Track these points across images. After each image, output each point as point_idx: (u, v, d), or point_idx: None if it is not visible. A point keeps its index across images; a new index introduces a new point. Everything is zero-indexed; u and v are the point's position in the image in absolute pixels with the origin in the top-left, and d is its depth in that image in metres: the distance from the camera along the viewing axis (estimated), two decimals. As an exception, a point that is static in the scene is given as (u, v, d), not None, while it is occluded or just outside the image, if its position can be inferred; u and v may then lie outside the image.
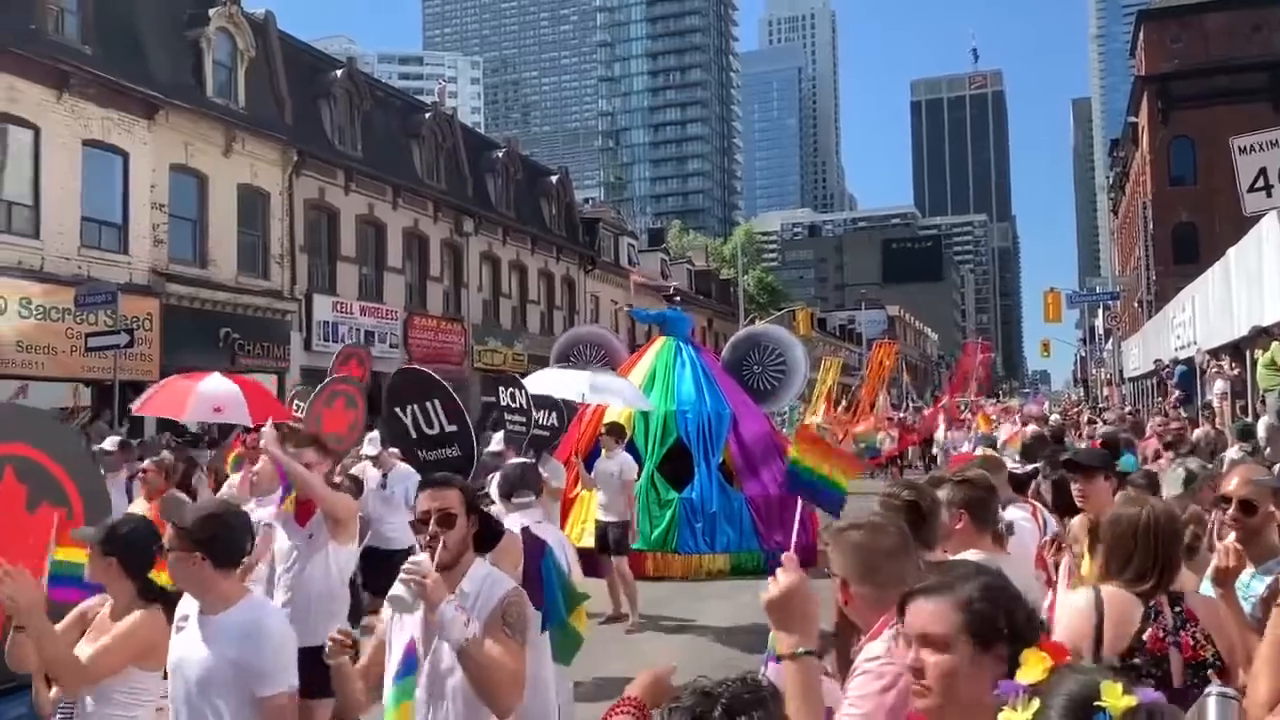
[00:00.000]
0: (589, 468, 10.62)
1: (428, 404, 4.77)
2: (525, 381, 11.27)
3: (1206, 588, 3.32)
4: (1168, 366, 19.03)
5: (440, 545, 3.04)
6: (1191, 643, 2.89)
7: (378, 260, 26.78)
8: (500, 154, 33.61)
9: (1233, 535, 3.36)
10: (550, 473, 9.89)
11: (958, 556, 3.44)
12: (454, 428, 4.79)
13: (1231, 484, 3.53)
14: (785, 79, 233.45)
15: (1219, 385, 13.96)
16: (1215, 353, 15.47)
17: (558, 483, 9.96)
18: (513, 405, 8.49)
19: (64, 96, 17.88)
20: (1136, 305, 39.45)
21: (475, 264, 31.24)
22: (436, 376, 5.39)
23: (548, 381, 10.91)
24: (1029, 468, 6.63)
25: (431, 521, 3.08)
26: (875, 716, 2.28)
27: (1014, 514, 4.76)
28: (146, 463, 7.89)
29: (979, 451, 8.66)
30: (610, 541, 9.85)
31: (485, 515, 3.30)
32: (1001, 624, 1.89)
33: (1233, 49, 36.79)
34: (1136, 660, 2.85)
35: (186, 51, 21.16)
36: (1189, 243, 34.19)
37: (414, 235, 28.22)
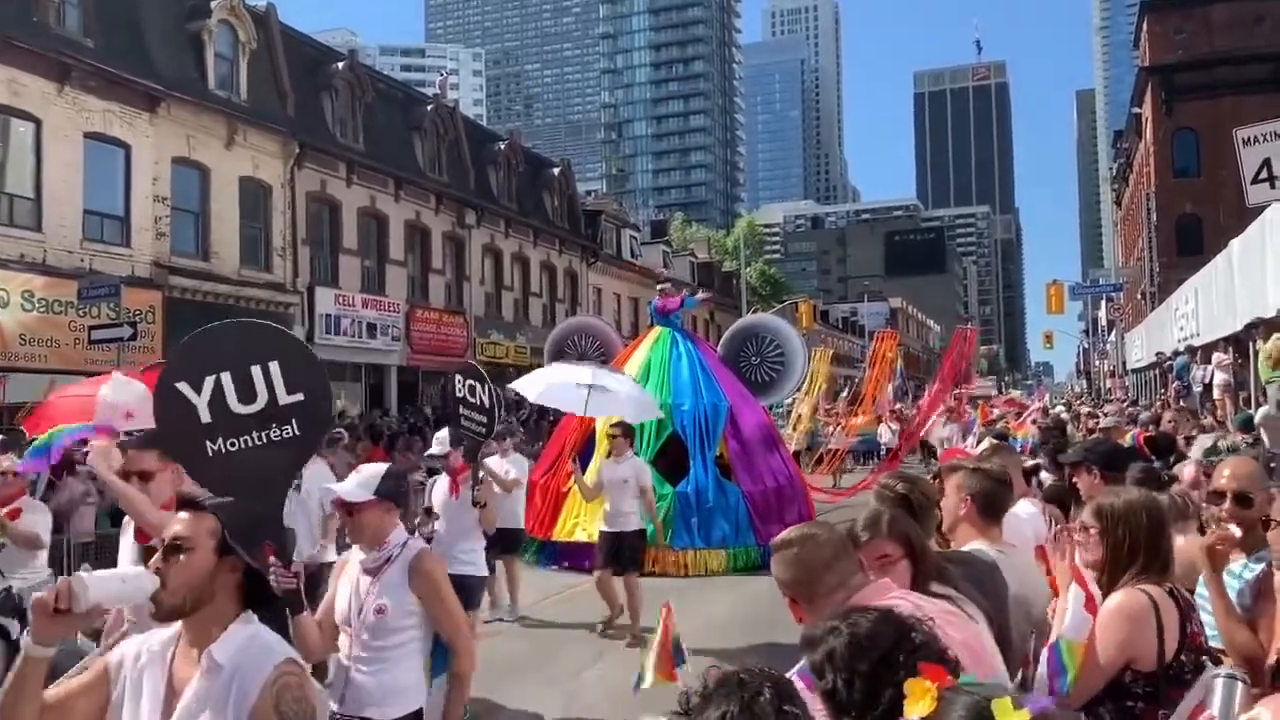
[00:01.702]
0: (584, 464, 10.14)
1: (255, 369, 3.55)
2: (518, 385, 10.79)
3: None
4: (1169, 359, 19.02)
5: (160, 584, 2.27)
6: (1196, 630, 2.89)
7: (380, 253, 26.79)
8: (502, 146, 33.55)
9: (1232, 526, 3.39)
10: (511, 464, 9.54)
11: (965, 548, 3.46)
12: (297, 397, 3.59)
13: (1223, 478, 3.54)
14: (788, 71, 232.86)
15: (1220, 377, 13.97)
16: (1194, 350, 15.48)
17: (518, 474, 9.61)
18: (470, 400, 7.22)
19: (65, 89, 17.89)
20: (1140, 297, 39.39)
21: (477, 256, 31.23)
22: (285, 330, 4.13)
23: (545, 390, 10.26)
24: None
25: (159, 552, 2.34)
26: None
27: (1024, 507, 4.74)
28: (4, 461, 6.80)
29: (984, 446, 8.53)
30: (624, 556, 8.88)
31: (252, 568, 2.42)
32: (841, 695, 1.81)
33: (1236, 41, 36.67)
34: (1183, 659, 2.78)
35: (188, 44, 21.15)
36: (1192, 234, 34.08)
37: (416, 228, 28.23)
